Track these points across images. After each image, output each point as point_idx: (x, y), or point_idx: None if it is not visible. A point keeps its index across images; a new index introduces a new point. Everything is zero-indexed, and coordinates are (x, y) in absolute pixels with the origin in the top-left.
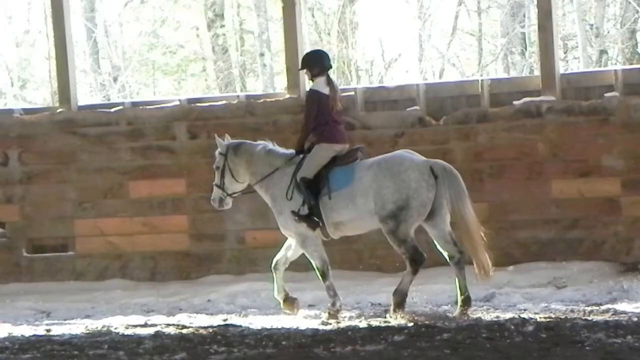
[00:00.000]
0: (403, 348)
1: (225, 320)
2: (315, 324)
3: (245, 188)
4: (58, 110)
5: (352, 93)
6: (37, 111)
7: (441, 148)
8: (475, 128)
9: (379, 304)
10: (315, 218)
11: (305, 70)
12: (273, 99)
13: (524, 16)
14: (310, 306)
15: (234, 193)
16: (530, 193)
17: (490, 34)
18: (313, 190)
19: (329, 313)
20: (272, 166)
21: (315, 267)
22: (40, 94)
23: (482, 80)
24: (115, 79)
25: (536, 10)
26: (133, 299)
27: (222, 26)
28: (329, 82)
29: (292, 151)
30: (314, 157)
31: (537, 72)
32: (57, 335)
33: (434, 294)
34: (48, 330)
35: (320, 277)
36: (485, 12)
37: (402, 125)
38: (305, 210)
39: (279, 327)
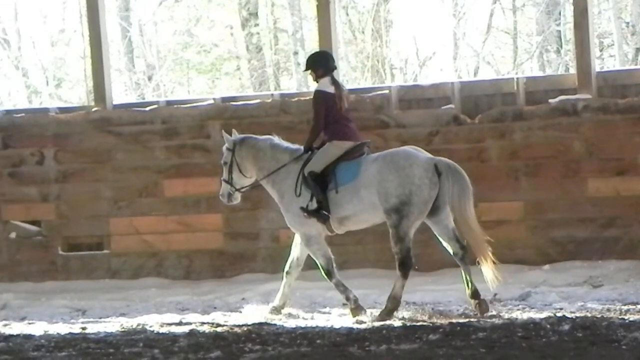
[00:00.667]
0: (438, 347)
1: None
2: (349, 323)
3: (253, 183)
4: (93, 109)
5: (387, 91)
6: (73, 110)
7: (476, 146)
8: (511, 126)
9: (414, 302)
10: (324, 212)
11: (309, 72)
12: (307, 98)
13: (560, 14)
14: (345, 305)
15: (243, 188)
16: (566, 191)
17: (526, 32)
18: (320, 184)
19: (351, 310)
20: (279, 162)
21: (319, 266)
22: (75, 93)
23: (517, 78)
24: (149, 78)
25: (572, 7)
26: (168, 297)
27: (256, 25)
28: (334, 82)
29: (298, 146)
30: (324, 153)
31: (572, 70)
32: (92, 333)
33: None
34: (83, 329)
35: (325, 276)
36: (521, 10)
37: (437, 123)
38: (314, 205)
39: (314, 325)
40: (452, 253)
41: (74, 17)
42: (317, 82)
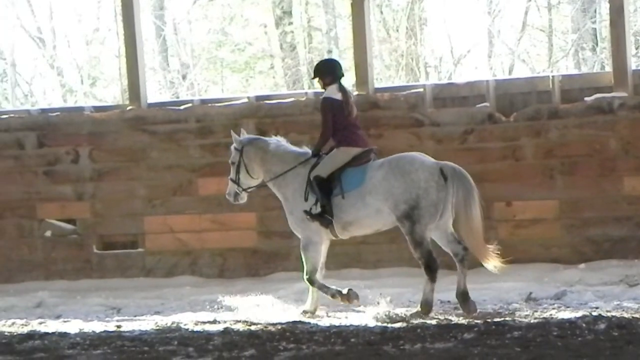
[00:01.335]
0: (472, 346)
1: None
2: (384, 322)
3: (260, 183)
4: (128, 108)
5: (421, 90)
6: (108, 109)
7: (511, 145)
8: (546, 124)
9: (448, 301)
10: (328, 217)
11: (317, 79)
12: None
13: (595, 12)
14: (379, 304)
15: (249, 188)
16: (602, 190)
17: (561, 29)
18: (325, 190)
19: (343, 299)
20: (286, 164)
21: (304, 271)
22: (110, 92)
23: (553, 76)
24: (184, 77)
25: (607, 5)
26: (202, 295)
27: (290, 23)
28: (341, 89)
29: (305, 150)
30: (332, 159)
31: (608, 68)
32: (127, 331)
33: (504, 292)
34: (118, 327)
35: (307, 282)
36: (556, 7)
37: (472, 122)
38: (317, 209)
39: (348, 324)
40: (452, 254)
41: (108, 16)
42: (325, 89)
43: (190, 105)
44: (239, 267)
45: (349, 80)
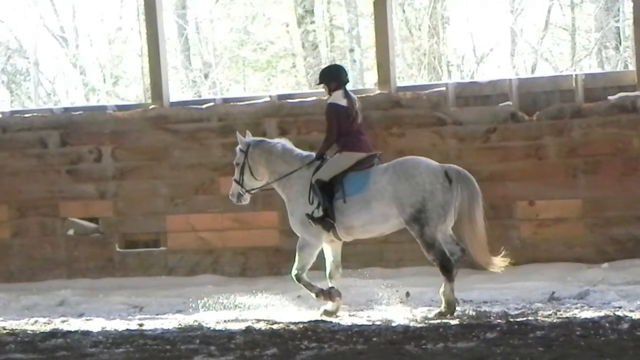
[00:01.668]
0: (495, 345)
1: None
2: (406, 321)
3: (263, 185)
4: (150, 107)
5: (444, 88)
6: (130, 108)
7: (534, 144)
8: (569, 123)
9: (471, 300)
10: (329, 220)
11: (323, 85)
12: (363, 95)
13: (619, 10)
14: (402, 302)
15: (253, 189)
16: (626, 189)
17: (584, 28)
18: (327, 193)
19: (325, 297)
20: (290, 167)
21: (294, 270)
22: (132, 91)
23: (576, 75)
24: (206, 76)
25: (631, 4)
26: (224, 294)
27: (312, 22)
28: (347, 95)
29: (309, 153)
30: (335, 163)
31: (631, 67)
32: (149, 330)
33: (526, 291)
34: (141, 325)
35: (294, 278)
36: (579, 6)
37: (494, 120)
38: (319, 213)
39: (370, 323)
40: (449, 254)
41: (131, 15)
42: (331, 95)
43: (212, 104)
44: (260, 266)
45: (371, 78)
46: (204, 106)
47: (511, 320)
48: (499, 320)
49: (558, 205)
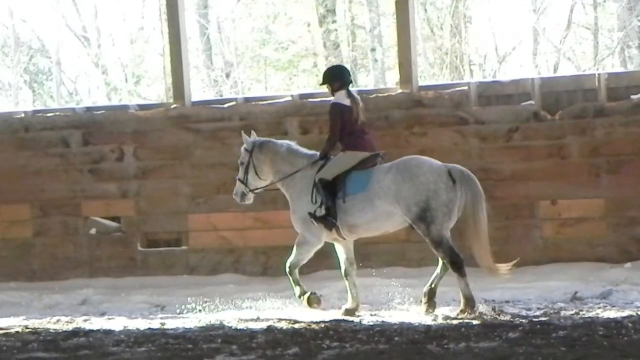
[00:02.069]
0: (517, 345)
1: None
2: (428, 320)
3: (267, 185)
4: (172, 106)
5: (466, 87)
6: (152, 107)
7: (557, 143)
8: (592, 123)
9: (493, 300)
10: (331, 219)
11: (326, 85)
12: (385, 94)
13: None
14: (421, 301)
15: (256, 189)
16: None
17: (607, 27)
18: (330, 192)
19: (304, 301)
20: (295, 166)
21: (288, 262)
22: (154, 90)
23: (599, 74)
24: (227, 75)
25: None
26: (245, 293)
27: (334, 22)
28: (350, 95)
29: (314, 152)
30: (338, 162)
31: None
32: (171, 329)
33: (549, 291)
34: (162, 324)
35: (287, 272)
36: (602, 5)
37: (517, 119)
38: (322, 212)
39: (391, 322)
40: (440, 258)
41: (153, 15)
42: (334, 95)
43: (233, 103)
44: (282, 265)
45: (393, 78)
46: (225, 105)
47: (533, 320)
48: (521, 320)
49: (580, 204)
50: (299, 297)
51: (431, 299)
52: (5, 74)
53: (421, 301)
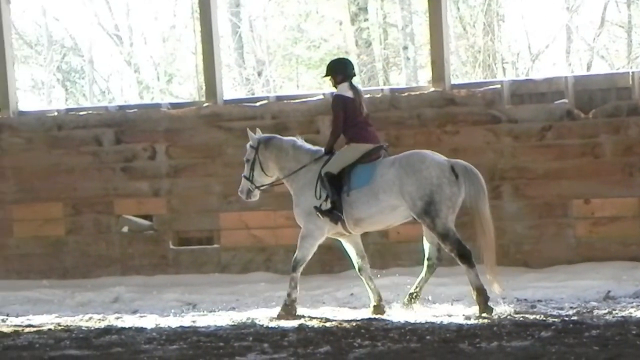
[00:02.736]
0: (550, 344)
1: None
2: (460, 319)
3: (273, 181)
4: (204, 105)
5: (498, 86)
6: (184, 105)
7: (590, 142)
8: (626, 121)
9: (525, 299)
10: (337, 212)
11: (329, 78)
12: (417, 92)
13: None
14: (455, 301)
15: (262, 186)
16: None
17: None
18: (336, 186)
19: (284, 304)
20: (300, 162)
21: (294, 259)
22: (186, 89)
23: (633, 72)
24: (259, 74)
25: None
26: (277, 291)
27: (366, 20)
28: (352, 87)
29: (319, 148)
30: (342, 155)
31: None
32: (202, 327)
33: (581, 290)
34: (194, 322)
35: (292, 267)
36: (635, 3)
37: (550, 118)
38: (327, 205)
39: (423, 321)
40: (426, 257)
41: (185, 13)
42: (337, 87)
43: (265, 102)
44: (313, 264)
45: (425, 76)
46: (257, 104)
47: (566, 319)
48: (553, 319)
49: (614, 203)
50: (285, 301)
51: (414, 301)
52: (39, 73)
53: (405, 303)
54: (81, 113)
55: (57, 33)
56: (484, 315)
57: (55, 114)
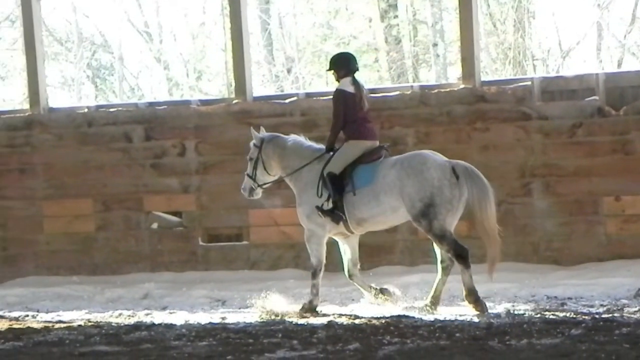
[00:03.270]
0: (580, 342)
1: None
2: (489, 317)
3: (276, 180)
4: (234, 102)
5: (529, 83)
6: (214, 102)
7: (621, 139)
8: None
9: (555, 297)
10: (339, 212)
11: (332, 72)
12: (447, 89)
13: None
14: (484, 298)
15: (264, 184)
16: None
17: None
18: (338, 186)
19: (303, 306)
20: (303, 161)
21: (312, 267)
22: (215, 86)
23: None
24: (289, 70)
25: None
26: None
27: (396, 16)
28: (354, 83)
29: (321, 146)
30: (343, 154)
31: None
32: (232, 324)
33: (612, 288)
34: (223, 318)
35: (311, 275)
36: None
37: (581, 115)
38: (329, 205)
39: (452, 318)
40: (439, 260)
41: (214, 10)
42: (339, 82)
43: (295, 98)
44: (342, 261)
45: (455, 73)
46: (286, 101)
47: (596, 316)
48: (584, 317)
49: None
50: (309, 307)
51: (436, 305)
52: (69, 69)
53: (425, 308)
54: (111, 110)
55: (87, 30)
56: (479, 313)
57: (85, 110)
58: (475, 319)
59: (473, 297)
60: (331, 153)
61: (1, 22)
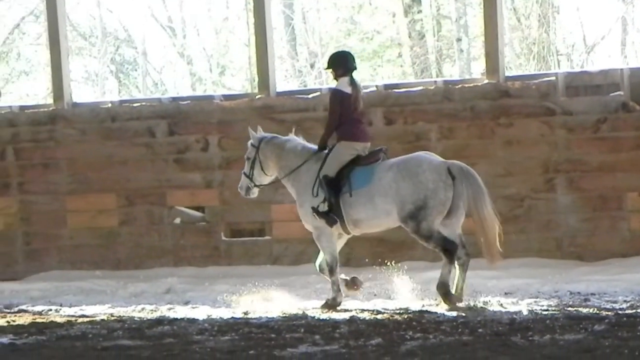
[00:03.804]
0: (603, 338)
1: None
2: (512, 312)
3: (272, 180)
4: (257, 97)
5: (553, 78)
6: (237, 97)
7: None
8: None
9: (578, 292)
10: (333, 215)
11: (330, 71)
12: (471, 85)
13: None
14: (507, 294)
15: (261, 184)
16: None
17: None
18: (334, 188)
19: (326, 302)
20: (300, 160)
21: (327, 267)
22: (238, 81)
23: None
24: (312, 66)
25: None
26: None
27: (420, 11)
28: (352, 82)
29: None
30: (335, 155)
31: None
32: (254, 318)
33: (635, 283)
34: (246, 313)
35: (327, 272)
36: None
37: (605, 110)
38: (324, 207)
39: (475, 314)
40: (455, 258)
41: (238, 5)
42: (337, 80)
43: (318, 93)
44: (365, 256)
45: (479, 68)
46: (309, 96)
47: (620, 312)
48: (607, 313)
49: None
50: (332, 303)
51: (459, 300)
52: (92, 64)
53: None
54: (134, 105)
55: (110, 25)
56: (447, 306)
57: (109, 105)
58: (498, 315)
59: (443, 290)
60: (326, 151)
61: (25, 17)
